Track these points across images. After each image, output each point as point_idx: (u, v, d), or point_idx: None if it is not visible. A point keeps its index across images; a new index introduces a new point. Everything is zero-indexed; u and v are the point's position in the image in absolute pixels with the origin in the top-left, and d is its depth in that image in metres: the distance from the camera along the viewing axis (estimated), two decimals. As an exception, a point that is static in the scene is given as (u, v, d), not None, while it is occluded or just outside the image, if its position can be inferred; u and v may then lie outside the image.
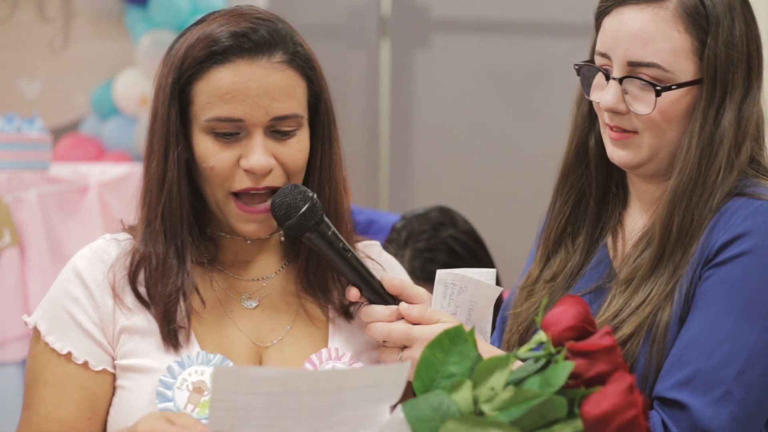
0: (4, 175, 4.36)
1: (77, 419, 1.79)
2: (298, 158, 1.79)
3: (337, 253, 1.77)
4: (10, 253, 4.25)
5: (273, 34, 1.77)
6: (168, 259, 1.79)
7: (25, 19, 6.12)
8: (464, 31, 5.95)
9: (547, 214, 2.00)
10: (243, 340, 1.81)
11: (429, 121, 5.89)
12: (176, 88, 1.78)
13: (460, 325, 1.43)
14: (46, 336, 1.79)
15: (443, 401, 1.36)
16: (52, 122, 5.65)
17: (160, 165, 1.79)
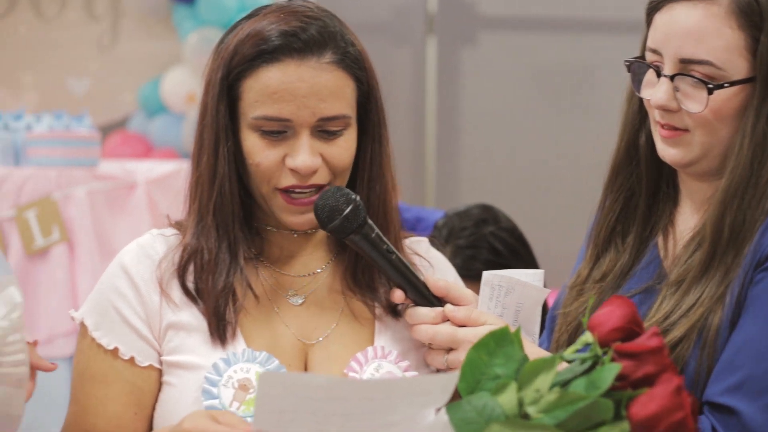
0: (54, 172, 4.39)
1: (123, 414, 1.79)
2: (344, 157, 1.79)
3: (381, 255, 1.76)
4: (59, 250, 4.29)
5: (323, 34, 1.76)
6: (221, 254, 1.79)
7: (73, 17, 6.16)
8: (511, 28, 5.93)
9: (597, 212, 1.98)
10: (289, 337, 1.81)
11: (475, 118, 5.88)
12: (225, 84, 1.78)
13: (506, 327, 1.42)
14: (93, 331, 1.80)
15: (488, 403, 1.35)
16: (100, 120, 5.69)
17: (210, 160, 1.79)
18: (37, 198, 4.33)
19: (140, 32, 6.10)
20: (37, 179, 4.38)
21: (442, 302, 1.78)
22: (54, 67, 6.12)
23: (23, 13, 6.16)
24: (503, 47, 5.87)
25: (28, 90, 6.13)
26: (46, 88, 6.13)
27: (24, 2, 6.15)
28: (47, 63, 6.13)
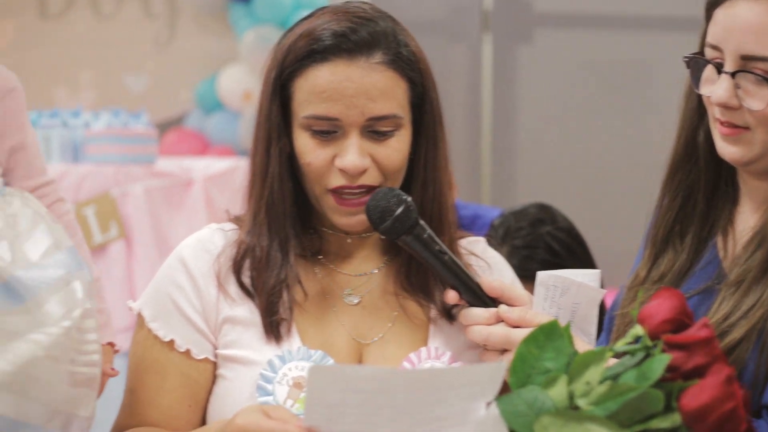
0: (112, 169, 4.43)
1: (178, 406, 1.80)
2: (394, 158, 1.78)
3: (433, 256, 1.76)
4: (117, 246, 4.32)
5: (373, 35, 1.76)
6: (272, 252, 1.80)
7: (130, 15, 6.21)
8: (567, 25, 5.90)
9: (655, 211, 1.95)
10: (344, 336, 1.82)
11: (531, 116, 5.86)
12: (278, 83, 1.79)
13: (555, 321, 1.42)
14: (149, 322, 1.81)
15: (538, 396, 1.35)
16: (157, 117, 5.73)
17: (263, 159, 1.81)
18: (96, 195, 4.37)
19: (197, 30, 6.14)
20: (95, 176, 4.42)
21: (496, 303, 1.76)
22: (112, 65, 6.18)
23: (81, 11, 6.22)
24: (559, 44, 5.85)
25: (87, 87, 6.19)
26: (104, 86, 6.19)
27: (82, 1, 6.21)
28: (105, 61, 6.19)
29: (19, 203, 1.70)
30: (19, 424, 1.59)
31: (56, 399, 1.62)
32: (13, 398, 1.57)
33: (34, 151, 1.76)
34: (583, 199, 5.47)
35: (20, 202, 1.70)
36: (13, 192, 1.71)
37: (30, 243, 1.66)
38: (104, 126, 4.66)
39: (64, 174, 4.40)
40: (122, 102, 5.72)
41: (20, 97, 1.75)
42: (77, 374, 1.64)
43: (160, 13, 6.21)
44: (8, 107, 1.72)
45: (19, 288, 1.61)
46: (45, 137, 4.55)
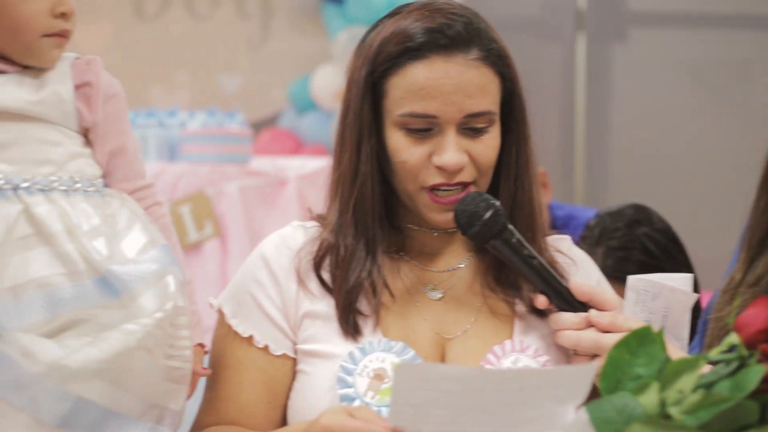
0: (207, 168, 4.47)
1: (257, 403, 1.81)
2: (489, 155, 1.78)
3: (522, 260, 1.75)
4: (212, 244, 4.36)
5: (469, 30, 1.76)
6: (357, 251, 1.80)
7: (225, 16, 6.28)
8: (663, 24, 5.83)
9: (751, 213, 1.92)
10: (427, 330, 1.81)
11: (626, 116, 5.80)
12: (369, 81, 1.78)
13: (649, 326, 1.40)
14: (230, 318, 1.83)
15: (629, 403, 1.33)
16: (251, 116, 5.78)
17: (352, 158, 1.80)
18: (191, 193, 4.41)
19: (290, 30, 6.18)
20: (190, 175, 4.46)
21: (586, 307, 1.75)
22: (207, 65, 6.24)
23: (177, 12, 6.30)
24: (655, 43, 5.78)
25: (182, 87, 6.26)
26: (199, 86, 6.26)
27: (178, 2, 6.29)
28: (200, 61, 6.26)
29: (117, 204, 1.74)
30: (112, 414, 1.62)
31: (150, 392, 1.65)
32: (106, 386, 1.60)
33: (134, 155, 1.80)
34: (677, 201, 5.40)
35: (119, 203, 1.74)
36: (113, 193, 1.75)
37: (126, 241, 1.69)
38: (200, 125, 4.71)
39: (160, 173, 4.45)
40: (217, 102, 5.78)
41: (122, 102, 1.79)
42: (170, 368, 1.67)
43: (254, 13, 6.26)
44: (109, 112, 1.77)
45: (114, 282, 1.64)
46: (141, 137, 4.60)
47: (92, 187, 1.73)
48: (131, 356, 1.61)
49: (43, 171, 1.69)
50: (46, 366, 1.58)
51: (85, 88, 1.75)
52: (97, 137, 1.76)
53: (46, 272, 1.64)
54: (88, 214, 1.69)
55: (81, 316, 1.63)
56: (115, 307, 1.64)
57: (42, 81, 1.73)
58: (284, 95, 6.06)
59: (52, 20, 1.72)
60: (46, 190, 1.69)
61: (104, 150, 1.76)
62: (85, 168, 1.73)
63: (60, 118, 1.72)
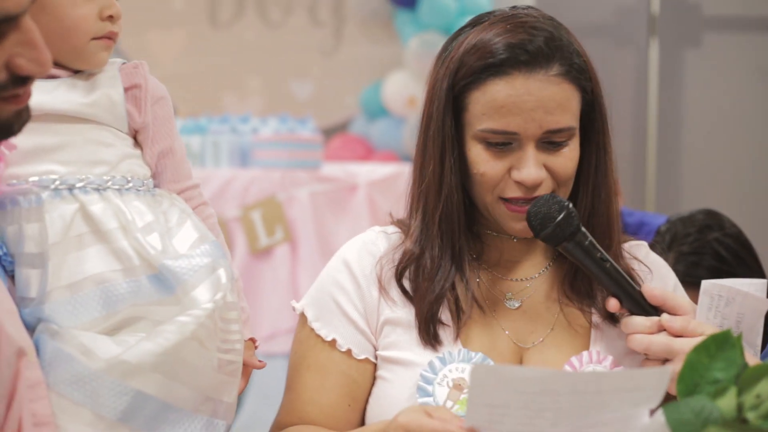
0: (278, 174, 4.50)
1: (338, 406, 1.82)
2: (568, 167, 1.78)
3: (595, 263, 1.74)
4: (282, 249, 4.39)
5: (550, 45, 1.75)
6: (443, 262, 1.80)
7: (298, 23, 6.31)
8: (737, 29, 5.77)
9: None
10: (505, 340, 1.81)
11: (699, 122, 5.74)
12: (451, 94, 1.78)
13: (728, 330, 1.39)
14: (312, 322, 1.84)
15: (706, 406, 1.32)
16: (322, 123, 5.81)
17: (437, 170, 1.80)
18: (263, 199, 4.45)
19: (362, 37, 6.20)
20: (262, 181, 4.50)
21: (658, 311, 1.74)
22: (279, 72, 6.28)
23: (250, 19, 6.35)
24: (729, 48, 5.72)
25: (255, 94, 6.31)
26: (272, 92, 6.30)
27: (251, 9, 6.33)
28: (273, 68, 6.30)
29: (168, 203, 1.77)
30: (168, 407, 1.64)
31: (204, 384, 1.67)
32: (162, 379, 1.62)
33: (181, 156, 1.84)
34: (750, 207, 5.34)
35: (169, 202, 1.77)
36: (163, 193, 1.79)
37: (178, 237, 1.72)
38: (272, 132, 4.75)
39: (232, 179, 4.49)
40: (289, 108, 5.82)
41: (168, 105, 1.83)
42: (222, 361, 1.69)
43: (326, 20, 6.29)
44: (157, 114, 1.80)
45: (168, 277, 1.67)
46: (215, 142, 4.65)
47: (143, 186, 1.76)
48: (185, 348, 1.63)
49: (96, 171, 1.73)
50: (105, 362, 1.61)
51: (134, 90, 1.78)
52: (146, 138, 1.79)
53: (101, 269, 1.67)
54: (141, 212, 1.72)
55: (137, 314, 1.66)
56: (170, 303, 1.67)
57: (93, 84, 1.76)
58: (356, 101, 6.08)
59: (100, 23, 1.75)
60: (100, 190, 1.72)
61: (153, 151, 1.79)
62: (136, 168, 1.77)
63: (111, 119, 1.76)
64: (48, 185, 1.70)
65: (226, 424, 1.73)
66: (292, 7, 6.31)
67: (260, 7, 6.32)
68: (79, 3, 1.73)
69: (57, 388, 1.61)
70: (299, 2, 6.31)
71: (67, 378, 1.61)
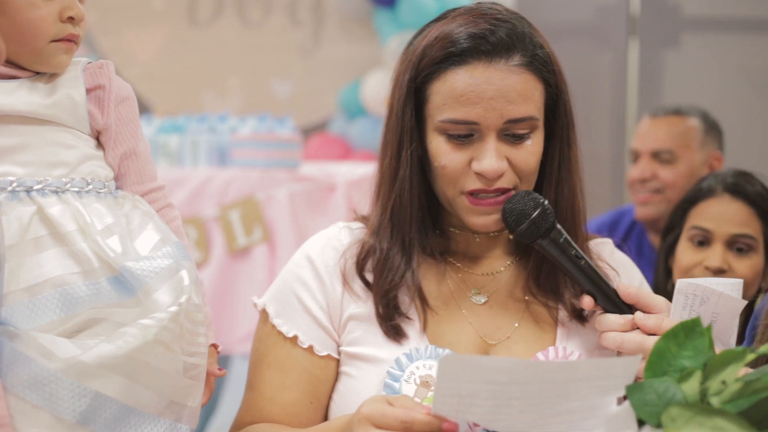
0: (257, 173, 4.49)
1: (299, 402, 1.82)
2: (531, 161, 1.77)
3: (569, 260, 1.74)
4: (261, 249, 4.38)
5: (512, 36, 1.75)
6: (392, 255, 1.80)
7: (277, 22, 6.30)
8: (717, 29, 5.78)
9: None
10: (472, 335, 1.81)
11: (678, 122, 5.75)
12: (412, 86, 1.79)
13: (697, 318, 1.39)
14: (273, 318, 1.84)
15: (669, 388, 1.33)
16: (302, 122, 5.80)
17: (392, 163, 1.81)
18: (241, 198, 4.43)
19: (342, 36, 6.19)
20: (240, 180, 4.48)
21: (632, 310, 1.74)
22: (258, 71, 6.27)
23: (229, 18, 6.33)
24: (708, 49, 5.74)
25: (234, 93, 6.30)
26: (251, 92, 6.29)
27: (230, 9, 6.32)
28: (252, 67, 6.28)
29: (130, 205, 1.76)
30: (130, 410, 1.62)
31: (169, 388, 1.66)
32: (123, 382, 1.61)
33: (145, 157, 1.83)
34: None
35: (131, 204, 1.76)
36: (125, 195, 1.78)
37: (140, 239, 1.71)
38: (250, 131, 4.73)
39: (210, 178, 4.48)
40: (268, 107, 5.81)
41: (133, 105, 1.82)
42: (187, 364, 1.68)
43: (306, 20, 6.28)
44: (121, 115, 1.79)
45: (129, 279, 1.66)
46: (193, 142, 4.64)
47: (104, 188, 1.75)
48: (148, 351, 1.62)
49: (56, 173, 1.71)
50: (63, 363, 1.59)
51: (97, 91, 1.77)
52: (108, 140, 1.78)
53: (60, 272, 1.65)
54: (101, 214, 1.71)
55: (97, 316, 1.65)
56: (131, 305, 1.65)
57: (54, 85, 1.74)
58: (335, 101, 6.08)
59: (60, 25, 1.73)
60: (59, 192, 1.70)
61: (116, 152, 1.78)
62: (97, 170, 1.75)
63: (72, 121, 1.74)
64: (5, 187, 1.68)
65: (190, 429, 1.71)
66: (272, 7, 6.30)
67: (239, 7, 6.31)
68: (37, 4, 1.70)
69: (15, 390, 1.59)
70: (278, 2, 6.30)
71: (24, 380, 1.59)
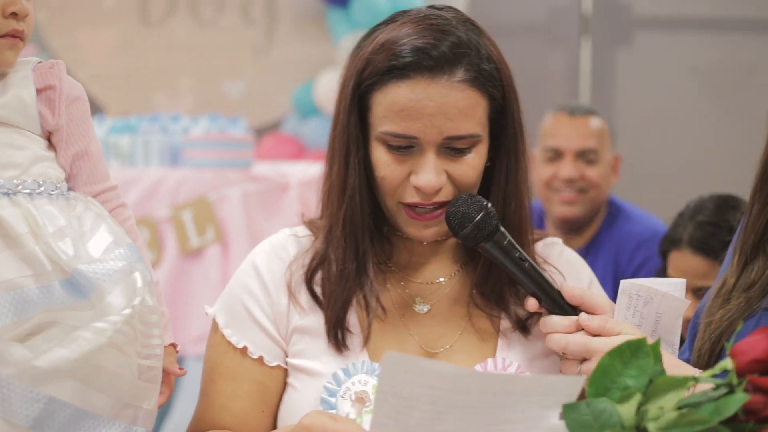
0: (209, 174, 4.47)
1: (251, 412, 1.81)
2: (470, 175, 1.75)
3: (513, 263, 1.74)
4: (213, 250, 4.36)
5: (456, 50, 1.72)
6: (347, 265, 1.79)
7: (230, 22, 6.28)
8: (667, 28, 5.82)
9: (743, 219, 1.91)
10: (414, 345, 1.80)
11: (630, 120, 5.79)
12: (356, 94, 1.76)
13: (643, 338, 1.39)
14: (223, 328, 1.82)
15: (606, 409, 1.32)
16: (254, 122, 5.79)
17: (341, 171, 1.78)
18: (193, 199, 4.41)
19: (295, 36, 6.18)
20: (193, 180, 4.46)
21: (576, 311, 1.74)
22: (211, 71, 6.25)
23: (182, 17, 6.30)
24: (659, 48, 5.77)
25: (186, 93, 6.27)
26: (203, 91, 6.26)
27: (182, 7, 6.29)
28: (204, 67, 6.26)
29: (82, 206, 1.74)
30: (85, 414, 1.61)
31: (124, 391, 1.64)
32: (77, 386, 1.59)
33: (97, 158, 1.81)
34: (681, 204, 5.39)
35: (83, 206, 1.74)
36: (77, 196, 1.76)
37: (92, 242, 1.69)
38: (203, 131, 4.71)
39: (162, 179, 4.46)
40: (221, 107, 5.79)
41: (84, 106, 1.80)
42: (142, 367, 1.67)
43: (258, 19, 6.26)
44: (72, 115, 1.77)
45: (82, 282, 1.64)
46: (145, 142, 4.61)
47: (56, 190, 1.73)
48: (102, 355, 1.60)
49: (6, 175, 1.69)
50: (15, 368, 1.57)
51: (48, 91, 1.75)
52: (60, 140, 1.76)
53: (12, 275, 1.63)
54: (53, 216, 1.69)
55: (50, 319, 1.63)
56: (84, 308, 1.64)
57: (4, 85, 1.72)
58: (288, 101, 6.07)
59: (3, 21, 1.71)
60: (10, 194, 1.69)
61: (68, 153, 1.76)
62: (48, 171, 1.73)
63: (23, 121, 1.72)
64: None
65: (145, 431, 1.70)
66: (224, 6, 6.28)
67: (192, 6, 6.28)
68: None
69: None
70: (231, 1, 6.28)
71: None
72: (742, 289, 1.86)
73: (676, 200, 5.47)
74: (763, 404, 1.32)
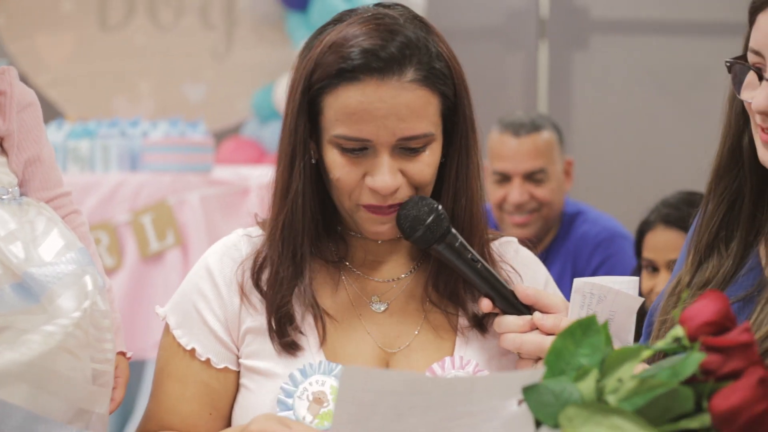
0: (168, 178, 4.46)
1: (198, 414, 1.80)
2: (426, 173, 1.75)
3: (466, 264, 1.74)
4: (174, 254, 4.35)
5: (404, 50, 1.70)
6: (282, 268, 1.78)
7: (189, 26, 6.27)
8: (624, 31, 5.87)
9: (697, 217, 1.92)
10: (371, 344, 1.80)
11: (588, 123, 5.83)
12: (305, 98, 1.74)
13: (593, 316, 1.40)
14: (174, 329, 1.81)
15: (566, 388, 1.32)
16: (214, 126, 5.78)
17: (284, 175, 1.77)
18: (153, 203, 4.40)
19: (254, 40, 6.18)
20: (152, 185, 4.45)
21: (530, 310, 1.75)
22: (170, 75, 6.23)
23: (141, 21, 6.29)
24: (616, 51, 5.82)
25: (145, 97, 6.25)
26: (163, 96, 6.25)
27: (141, 11, 6.28)
28: (164, 71, 6.24)
29: (34, 211, 1.74)
30: (37, 419, 1.61)
31: (77, 395, 1.64)
32: (29, 390, 1.59)
33: (50, 164, 1.81)
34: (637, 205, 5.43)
35: (36, 211, 1.74)
36: (30, 201, 1.76)
37: (44, 246, 1.69)
38: (162, 135, 4.70)
39: (121, 183, 4.44)
40: (180, 111, 5.78)
41: (37, 111, 1.80)
42: (95, 371, 1.66)
43: (218, 23, 6.26)
44: (25, 121, 1.77)
45: (33, 285, 1.64)
46: (104, 146, 4.59)
47: (8, 194, 1.73)
48: (53, 358, 1.60)
49: None
50: None
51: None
52: (12, 146, 1.76)
53: None
54: (4, 220, 1.68)
55: (1, 323, 1.62)
56: (35, 312, 1.63)
57: None
58: (247, 104, 6.06)
59: None
60: None
61: (20, 159, 1.76)
62: (0, 176, 1.73)
63: None
64: None
65: None
66: (183, 9, 6.27)
67: (151, 10, 6.27)
68: None
69: None
70: (190, 4, 6.27)
71: None
72: (696, 287, 1.87)
73: (633, 202, 5.52)
74: (720, 362, 1.33)
